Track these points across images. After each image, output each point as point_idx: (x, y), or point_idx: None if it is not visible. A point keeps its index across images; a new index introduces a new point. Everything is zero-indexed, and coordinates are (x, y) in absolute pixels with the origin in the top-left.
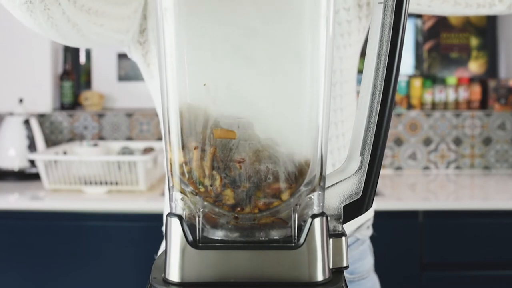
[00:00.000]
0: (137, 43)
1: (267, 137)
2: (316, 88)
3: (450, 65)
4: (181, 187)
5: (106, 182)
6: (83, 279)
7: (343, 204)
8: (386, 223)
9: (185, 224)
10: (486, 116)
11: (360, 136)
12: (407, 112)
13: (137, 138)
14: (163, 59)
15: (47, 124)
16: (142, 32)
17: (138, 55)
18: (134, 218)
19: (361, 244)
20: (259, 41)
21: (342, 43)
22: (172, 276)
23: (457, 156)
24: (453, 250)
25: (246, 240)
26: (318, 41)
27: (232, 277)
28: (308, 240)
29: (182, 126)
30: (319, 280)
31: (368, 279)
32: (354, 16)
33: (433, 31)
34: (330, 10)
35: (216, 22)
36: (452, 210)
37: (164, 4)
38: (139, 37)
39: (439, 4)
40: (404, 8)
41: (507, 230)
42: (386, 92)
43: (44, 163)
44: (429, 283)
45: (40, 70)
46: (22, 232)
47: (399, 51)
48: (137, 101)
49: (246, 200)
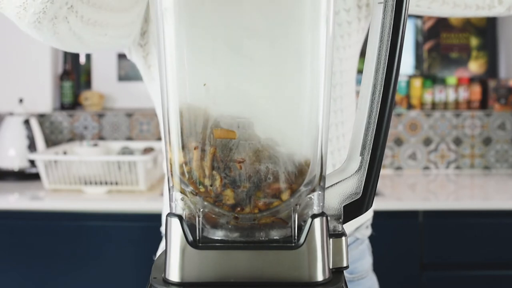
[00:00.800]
0: (137, 45)
1: (267, 137)
2: (316, 88)
3: (450, 65)
4: (181, 187)
5: (106, 182)
6: (83, 279)
7: (343, 204)
8: (386, 223)
9: (185, 224)
10: (486, 116)
11: (360, 136)
12: (407, 112)
13: (137, 138)
14: (163, 59)
15: (47, 124)
16: (143, 35)
17: (139, 57)
18: (134, 218)
19: (360, 244)
20: (259, 41)
21: (342, 44)
22: (172, 276)
23: (457, 156)
24: (453, 250)
25: (246, 240)
26: (318, 42)
27: (232, 277)
28: (308, 240)
29: (182, 126)
30: (319, 280)
31: (367, 278)
32: (354, 17)
33: (433, 31)
34: (330, 11)
35: (216, 22)
36: (452, 210)
37: (164, 4)
38: (140, 39)
39: (439, 6)
40: (404, 8)
41: (507, 230)
42: (386, 92)
43: (44, 163)
44: (429, 283)
45: (40, 70)
46: (22, 232)
47: (399, 51)
48: (137, 101)
49: (246, 200)
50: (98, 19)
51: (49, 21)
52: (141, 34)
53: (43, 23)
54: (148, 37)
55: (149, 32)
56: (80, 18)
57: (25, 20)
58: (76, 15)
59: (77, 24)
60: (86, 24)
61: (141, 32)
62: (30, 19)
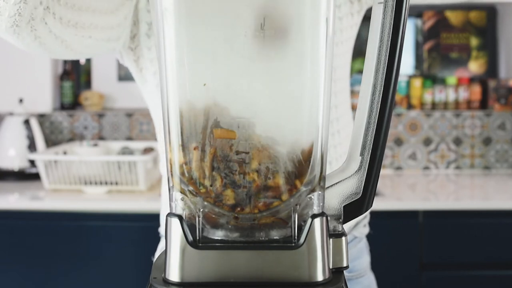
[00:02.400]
0: (128, 49)
1: (267, 136)
2: (316, 88)
3: (450, 65)
4: (181, 187)
5: (106, 182)
6: (83, 279)
7: (343, 204)
8: (386, 223)
9: (185, 224)
10: (486, 116)
11: (360, 136)
12: (407, 112)
13: (137, 138)
14: (163, 59)
15: (47, 124)
16: (133, 38)
17: (130, 60)
18: (134, 218)
19: (358, 242)
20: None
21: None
22: (172, 276)
23: (457, 156)
24: (453, 250)
25: (246, 240)
26: (318, 41)
27: (232, 277)
28: (308, 240)
29: (182, 126)
30: (319, 280)
31: (365, 277)
32: (345, 13)
33: (433, 31)
34: (330, 10)
35: (216, 22)
36: (452, 210)
37: (164, 4)
38: (130, 43)
39: None
40: (404, 8)
41: (507, 230)
42: (386, 92)
43: (44, 163)
44: (428, 283)
45: (40, 70)
46: (22, 232)
47: (399, 51)
48: (137, 101)
49: (246, 200)
50: (79, 21)
51: (26, 24)
52: (131, 37)
53: (21, 26)
54: (138, 40)
55: (139, 35)
56: (59, 20)
57: (3, 25)
58: (54, 16)
59: (56, 26)
60: (67, 26)
61: (131, 35)
62: (7, 23)
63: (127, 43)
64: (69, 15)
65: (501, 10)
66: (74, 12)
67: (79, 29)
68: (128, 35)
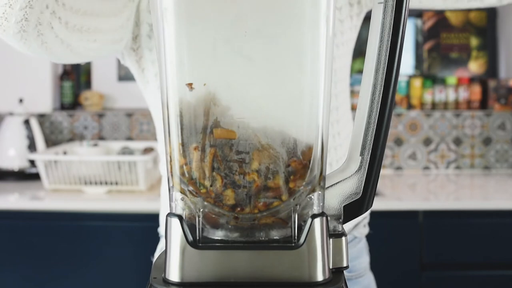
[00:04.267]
0: (130, 49)
1: (267, 136)
2: (316, 88)
3: (450, 65)
4: (181, 187)
5: (106, 182)
6: (83, 279)
7: (343, 204)
8: (386, 223)
9: (185, 224)
10: (486, 116)
11: (360, 136)
12: (407, 112)
13: (137, 138)
14: (163, 59)
15: (47, 124)
16: (135, 39)
17: (132, 61)
18: (134, 218)
19: (358, 242)
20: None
21: (335, 42)
22: (172, 276)
23: (457, 156)
24: (453, 250)
25: (246, 240)
26: (318, 41)
27: (232, 277)
28: (308, 240)
29: (182, 126)
30: (319, 280)
31: (365, 277)
32: (346, 15)
33: (433, 31)
34: (330, 9)
35: (216, 22)
36: (452, 210)
37: (164, 4)
38: (132, 43)
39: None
40: (404, 8)
41: (507, 230)
42: (386, 92)
43: (44, 163)
44: (428, 283)
45: (40, 70)
46: (22, 232)
47: (399, 51)
48: (137, 101)
49: (246, 200)
50: (84, 25)
51: (33, 29)
52: (133, 38)
53: (28, 31)
54: (140, 41)
55: (140, 36)
56: (65, 25)
57: (10, 31)
58: (60, 21)
59: (62, 31)
60: (72, 30)
61: (133, 36)
62: (14, 29)
63: (129, 44)
64: (74, 19)
65: (501, 10)
66: (79, 16)
67: (84, 33)
68: (130, 36)
